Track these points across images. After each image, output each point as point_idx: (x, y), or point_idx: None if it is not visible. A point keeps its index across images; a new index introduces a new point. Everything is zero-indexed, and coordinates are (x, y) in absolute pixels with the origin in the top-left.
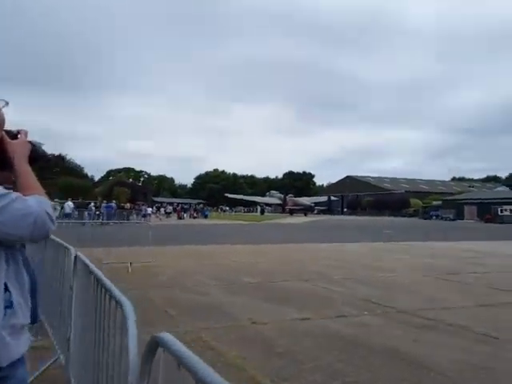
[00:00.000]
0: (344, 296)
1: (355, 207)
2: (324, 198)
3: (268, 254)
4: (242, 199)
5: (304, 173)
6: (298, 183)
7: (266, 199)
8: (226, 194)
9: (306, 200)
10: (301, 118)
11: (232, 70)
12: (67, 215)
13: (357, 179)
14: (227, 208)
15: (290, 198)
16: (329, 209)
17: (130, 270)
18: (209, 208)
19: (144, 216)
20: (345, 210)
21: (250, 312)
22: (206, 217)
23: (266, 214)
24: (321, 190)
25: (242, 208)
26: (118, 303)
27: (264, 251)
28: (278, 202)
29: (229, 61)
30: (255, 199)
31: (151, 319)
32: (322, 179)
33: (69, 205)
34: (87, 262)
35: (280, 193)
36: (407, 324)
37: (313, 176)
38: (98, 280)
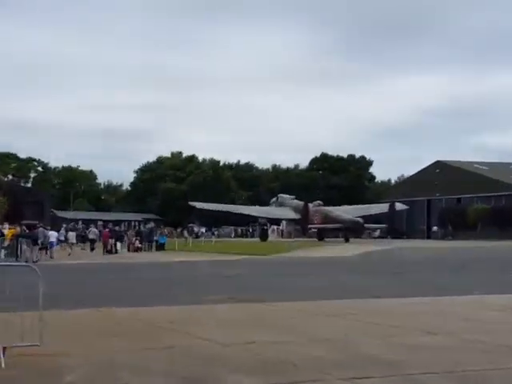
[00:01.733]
0: None
1: (455, 221)
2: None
3: (284, 323)
4: (228, 212)
5: (351, 158)
6: (337, 179)
7: (271, 211)
8: (195, 204)
9: (349, 210)
10: (340, 55)
11: None
12: None
13: (456, 168)
14: (202, 229)
15: (316, 207)
16: (393, 226)
17: (2, 363)
18: (165, 231)
19: (43, 248)
20: (434, 228)
21: None
22: (161, 247)
23: (270, 238)
24: (384, 192)
25: (230, 229)
26: None
27: (271, 317)
28: (293, 215)
29: None
30: (251, 211)
31: None
32: (385, 169)
33: None
34: None
35: (297, 198)
36: None
37: (369, 163)
38: None
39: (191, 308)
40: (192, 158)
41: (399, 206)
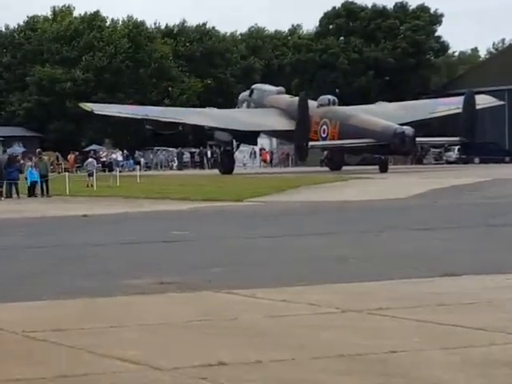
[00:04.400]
0: None
1: None
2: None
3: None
4: (160, 122)
5: (399, 9)
6: (370, 52)
7: (241, 116)
8: (90, 107)
9: (389, 112)
10: None
11: None
12: None
13: None
14: (115, 156)
15: (325, 107)
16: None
17: None
18: (45, 159)
19: None
20: None
21: None
22: (31, 190)
23: (247, 168)
24: (467, 75)
25: (170, 153)
26: None
27: (247, 318)
28: (283, 123)
29: None
30: (201, 118)
31: None
32: (467, 31)
33: None
34: None
35: (289, 91)
36: None
37: (436, 18)
38: None
39: (98, 303)
40: (94, 19)
41: (484, 100)
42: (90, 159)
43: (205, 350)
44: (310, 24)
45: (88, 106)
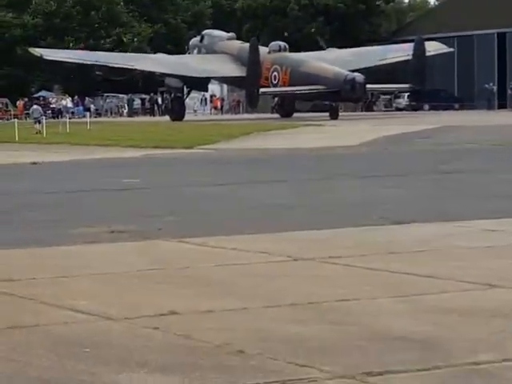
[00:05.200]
0: None
1: None
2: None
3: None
4: (109, 68)
5: None
6: None
7: (191, 62)
8: (39, 52)
9: (340, 59)
10: None
11: None
12: None
13: None
14: (65, 102)
15: (275, 53)
16: (422, 85)
17: None
18: None
19: None
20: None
21: None
22: None
23: (197, 115)
24: (418, 21)
25: (119, 100)
26: None
27: (199, 267)
28: (233, 70)
29: None
30: (149, 64)
31: None
32: None
33: None
34: None
35: (240, 37)
36: None
37: None
38: None
39: (48, 252)
40: None
41: (434, 47)
42: (35, 106)
43: (156, 299)
44: None
45: (37, 52)
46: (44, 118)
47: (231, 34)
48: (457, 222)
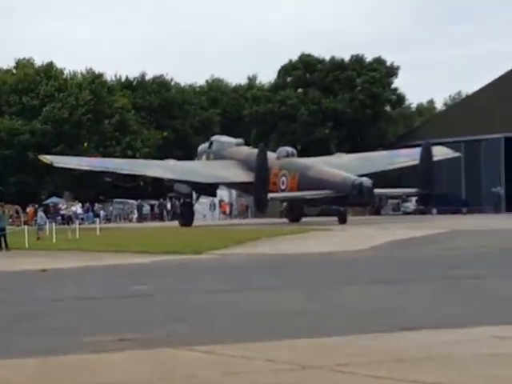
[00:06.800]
0: None
1: None
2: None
3: None
4: (117, 175)
5: (356, 61)
6: (330, 103)
7: (200, 168)
8: (49, 159)
9: (348, 164)
10: None
11: None
12: None
13: None
14: (75, 208)
15: (283, 159)
16: (429, 189)
17: None
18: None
19: None
20: None
21: None
22: None
23: (207, 220)
24: (424, 126)
25: (129, 205)
26: None
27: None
28: (242, 175)
29: None
30: (160, 170)
31: None
32: (423, 83)
33: None
34: None
35: (248, 143)
36: None
37: (392, 71)
38: None
39: (54, 362)
40: (48, 69)
41: (440, 152)
42: (40, 213)
43: None
44: (266, 75)
45: (47, 159)
46: (47, 224)
47: (239, 140)
48: (465, 329)
